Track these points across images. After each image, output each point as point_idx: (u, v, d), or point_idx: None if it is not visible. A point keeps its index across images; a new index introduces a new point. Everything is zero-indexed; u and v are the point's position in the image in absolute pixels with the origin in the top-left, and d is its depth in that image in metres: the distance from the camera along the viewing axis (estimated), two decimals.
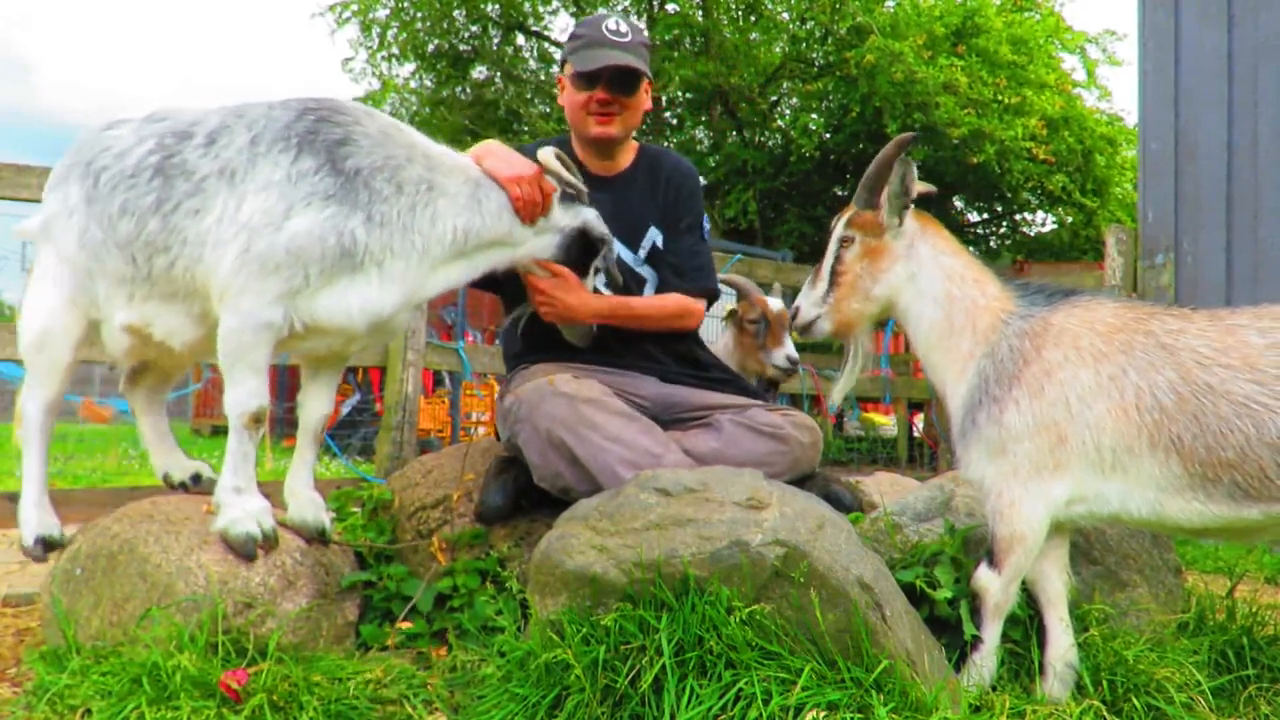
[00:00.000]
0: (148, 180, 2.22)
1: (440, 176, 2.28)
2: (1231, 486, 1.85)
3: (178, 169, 2.22)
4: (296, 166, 2.15)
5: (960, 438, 2.07)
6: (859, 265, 2.15)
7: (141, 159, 2.25)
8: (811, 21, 14.03)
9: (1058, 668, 2.00)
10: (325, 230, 2.13)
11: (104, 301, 2.35)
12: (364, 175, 2.18)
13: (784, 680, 1.70)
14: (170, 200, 2.20)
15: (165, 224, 2.20)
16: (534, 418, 2.46)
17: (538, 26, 15.16)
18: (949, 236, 2.19)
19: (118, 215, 2.24)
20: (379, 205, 2.18)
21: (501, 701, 1.82)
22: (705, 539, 1.83)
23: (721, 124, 14.80)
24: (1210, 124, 4.59)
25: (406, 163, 2.25)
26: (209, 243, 2.17)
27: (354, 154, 2.19)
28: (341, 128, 2.21)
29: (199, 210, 2.18)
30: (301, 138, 2.18)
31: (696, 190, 2.94)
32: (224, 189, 2.18)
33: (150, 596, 2.14)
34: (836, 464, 8.02)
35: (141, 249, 2.23)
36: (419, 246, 2.25)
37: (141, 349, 2.44)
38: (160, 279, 2.25)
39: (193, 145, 2.23)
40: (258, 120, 2.23)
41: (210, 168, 2.20)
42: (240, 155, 2.19)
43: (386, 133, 2.27)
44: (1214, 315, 1.99)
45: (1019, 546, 1.97)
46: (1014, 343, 2.02)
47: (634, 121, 2.81)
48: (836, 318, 2.18)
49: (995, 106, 12.16)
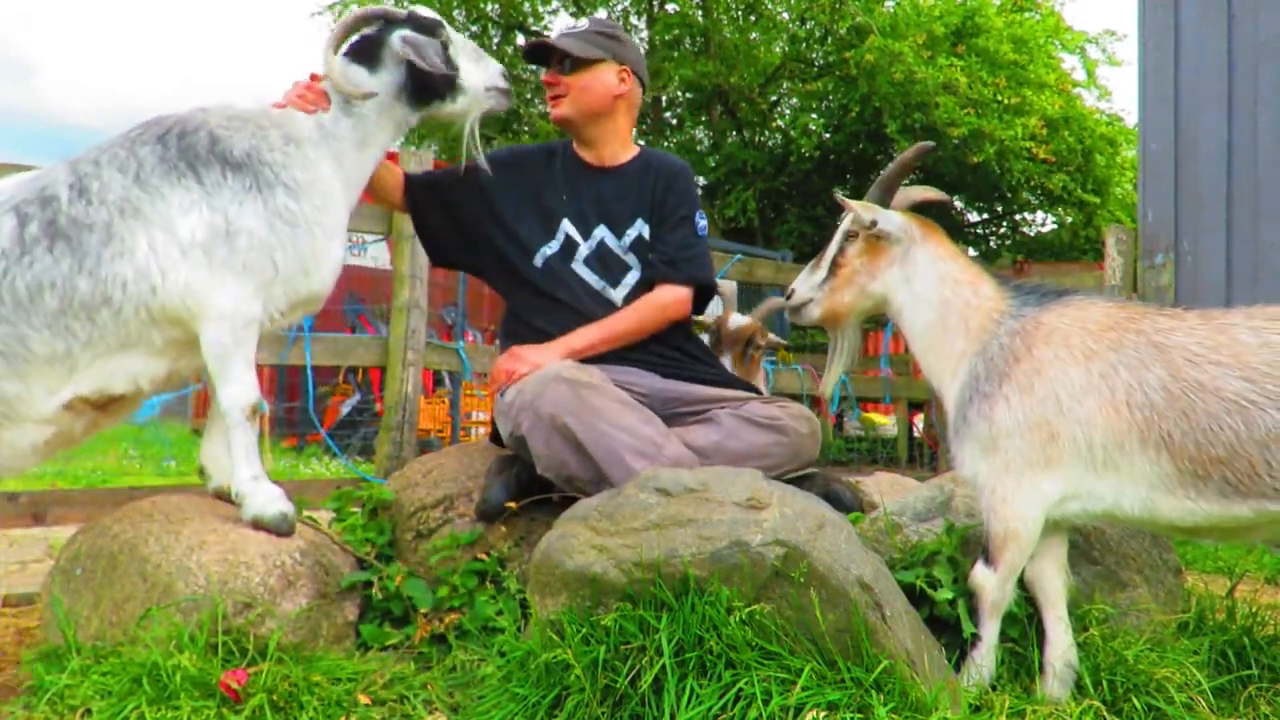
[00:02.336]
0: (48, 249, 2.15)
1: (291, 128, 2.36)
2: (1221, 483, 1.85)
3: (72, 227, 2.17)
4: (207, 180, 2.23)
5: (954, 435, 2.09)
6: (858, 260, 2.21)
7: (16, 236, 2.15)
8: (811, 21, 14.03)
9: (1057, 667, 2.00)
10: (269, 216, 2.24)
11: (14, 401, 2.18)
12: (254, 157, 2.27)
13: (784, 680, 1.70)
14: (89, 255, 2.16)
15: (96, 279, 2.16)
16: (537, 404, 2.47)
17: (538, 26, 15.16)
18: (947, 242, 2.23)
19: (30, 296, 2.13)
20: (284, 173, 2.28)
21: (501, 701, 1.82)
22: (705, 539, 1.83)
23: (721, 124, 14.80)
24: (1210, 124, 4.59)
25: (266, 130, 2.32)
26: (155, 272, 2.18)
27: (232, 145, 2.27)
28: (200, 129, 2.28)
29: (123, 253, 2.18)
30: (184, 156, 2.24)
31: (687, 185, 2.96)
32: (136, 224, 2.19)
33: (150, 596, 2.14)
34: (836, 464, 8.02)
35: (79, 313, 2.16)
36: (327, 193, 2.36)
37: (67, 434, 2.30)
38: (108, 333, 2.19)
39: (63, 202, 2.18)
40: (123, 160, 2.23)
41: (106, 214, 2.18)
42: (131, 190, 2.20)
43: (226, 116, 2.33)
44: (1205, 315, 2.00)
45: (1013, 543, 1.97)
46: (1005, 341, 2.04)
47: (586, 103, 2.82)
48: (828, 305, 2.25)
49: (995, 106, 12.16)
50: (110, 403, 2.31)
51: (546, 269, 2.81)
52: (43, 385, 2.19)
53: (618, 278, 2.83)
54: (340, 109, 2.42)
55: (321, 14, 14.43)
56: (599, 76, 2.83)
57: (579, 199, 2.85)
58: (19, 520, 3.35)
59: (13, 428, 2.21)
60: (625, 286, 2.83)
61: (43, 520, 3.45)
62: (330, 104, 2.42)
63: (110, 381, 2.25)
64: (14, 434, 2.22)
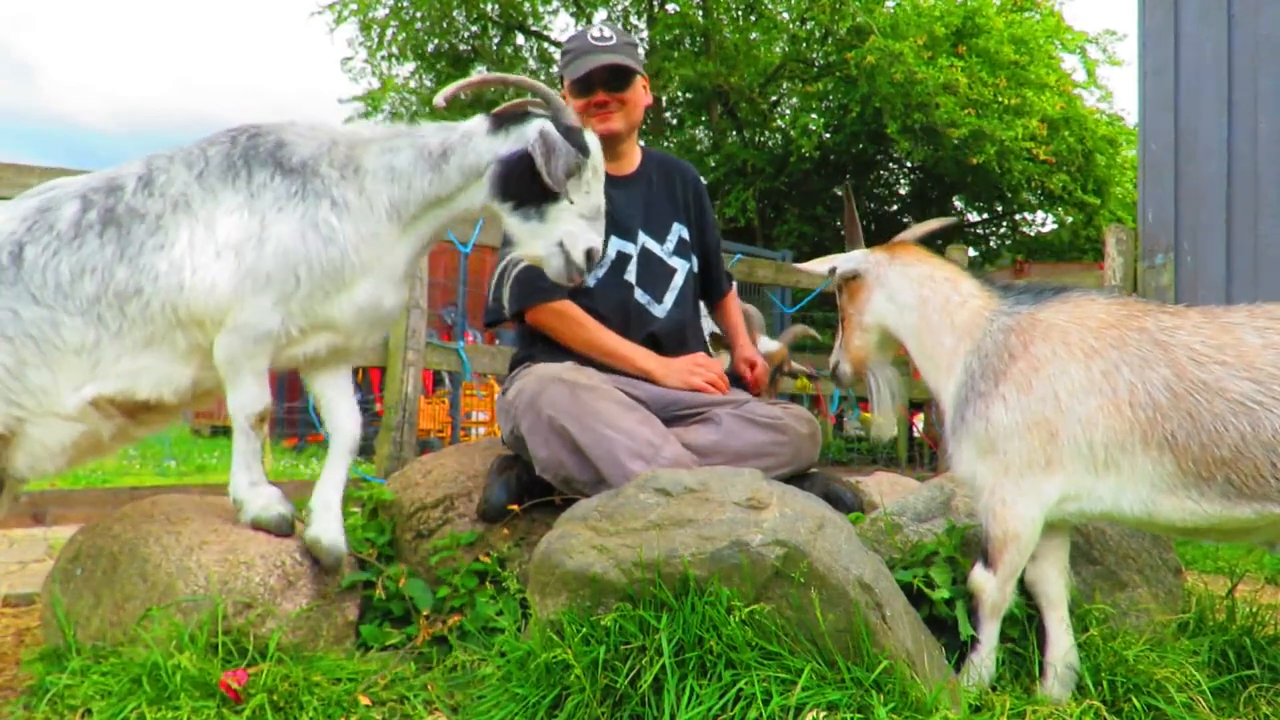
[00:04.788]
0: (98, 235, 2.17)
1: (357, 151, 2.28)
2: (1225, 485, 1.84)
3: (127, 215, 2.18)
4: (254, 182, 2.20)
5: (951, 435, 2.08)
6: (850, 307, 2.33)
7: (75, 219, 2.18)
8: (811, 21, 14.03)
9: (1058, 668, 2.00)
10: (304, 226, 2.17)
11: (40, 393, 2.16)
12: (310, 166, 2.22)
13: (784, 680, 1.70)
14: (133, 244, 2.16)
15: (133, 268, 2.15)
16: (536, 405, 2.48)
17: (537, 26, 15.17)
18: (920, 251, 2.29)
19: (71, 279, 2.14)
20: (335, 189, 2.21)
21: (501, 702, 1.82)
22: (705, 539, 1.83)
23: (721, 124, 14.81)
24: (1210, 124, 4.58)
25: (333, 145, 2.26)
26: (187, 268, 2.16)
27: (293, 151, 2.23)
28: (273, 134, 2.26)
29: (164, 245, 2.16)
30: (244, 156, 2.22)
31: (706, 193, 3.12)
32: (184, 219, 2.18)
33: (150, 596, 2.14)
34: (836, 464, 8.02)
35: (113, 302, 2.15)
36: (375, 229, 2.26)
37: (95, 436, 2.24)
38: (135, 326, 2.17)
39: (129, 192, 2.20)
40: (194, 158, 2.24)
41: (160, 206, 2.19)
42: (190, 187, 2.20)
43: (312, 128, 2.30)
44: (1209, 313, 1.99)
45: (1013, 545, 1.96)
46: (1000, 338, 2.03)
47: (635, 116, 2.91)
48: (848, 358, 2.36)
49: (995, 107, 12.15)
50: (138, 410, 2.25)
51: (600, 290, 2.81)
52: (69, 378, 2.16)
53: (662, 290, 2.90)
54: (425, 160, 2.28)
55: (320, 14, 14.44)
56: (638, 89, 2.91)
57: (615, 211, 2.83)
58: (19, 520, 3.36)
59: (41, 423, 2.18)
60: (672, 291, 2.91)
61: (43, 520, 3.46)
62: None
63: (134, 383, 2.20)
64: (43, 430, 2.19)
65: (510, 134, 2.27)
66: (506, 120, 2.30)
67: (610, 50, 2.82)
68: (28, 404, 2.15)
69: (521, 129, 2.26)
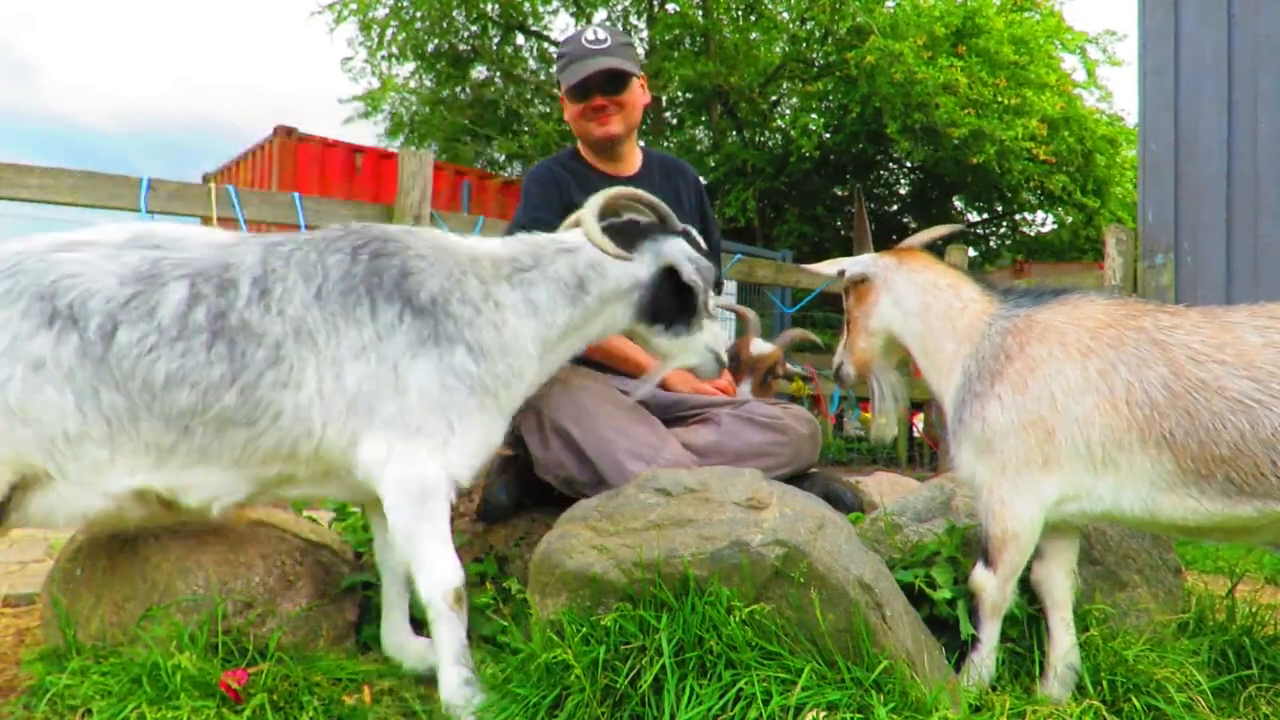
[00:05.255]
0: (206, 346, 1.94)
1: (494, 286, 2.14)
2: (1225, 483, 1.84)
3: (240, 331, 1.96)
4: (381, 320, 2.01)
5: (952, 437, 2.09)
6: (856, 310, 2.35)
7: (180, 314, 1.94)
8: (811, 21, 14.02)
9: (1059, 668, 2.00)
10: (441, 373, 2.01)
11: (90, 466, 1.96)
12: (440, 304, 2.05)
13: (784, 680, 1.70)
14: (248, 370, 1.94)
15: (247, 399, 1.94)
16: (536, 406, 2.48)
17: (538, 26, 15.16)
18: (926, 257, 2.31)
19: (165, 385, 1.92)
20: (469, 331, 2.06)
21: (502, 702, 1.82)
22: (705, 539, 1.83)
23: (721, 124, 14.80)
24: (1210, 124, 4.59)
25: (463, 276, 2.10)
26: (317, 419, 1.97)
27: (421, 284, 2.05)
28: (396, 257, 2.07)
29: (287, 383, 1.96)
30: (368, 283, 2.03)
31: (706, 194, 3.12)
32: (310, 355, 1.98)
33: (150, 596, 2.14)
34: (836, 464, 8.02)
35: (210, 422, 1.95)
36: (515, 369, 2.13)
37: (119, 516, 2.06)
38: (229, 450, 1.98)
39: (241, 298, 1.97)
40: (310, 267, 2.03)
41: (280, 330, 1.97)
42: (310, 311, 1.99)
43: (434, 248, 2.13)
44: (1208, 312, 1.99)
45: (1012, 544, 1.97)
46: (997, 340, 2.05)
47: (634, 118, 2.90)
48: (852, 359, 2.38)
49: (995, 107, 12.15)
50: (179, 508, 2.06)
51: None
52: (128, 465, 1.97)
53: None
54: (563, 293, 2.20)
55: (320, 13, 14.43)
56: (636, 90, 2.90)
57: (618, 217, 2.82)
58: None
59: (77, 488, 1.98)
60: None
61: None
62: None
63: (190, 489, 2.01)
64: (74, 493, 1.98)
65: (644, 256, 2.26)
66: (629, 240, 2.25)
67: (606, 53, 2.81)
68: (70, 469, 1.95)
69: (655, 249, 2.27)
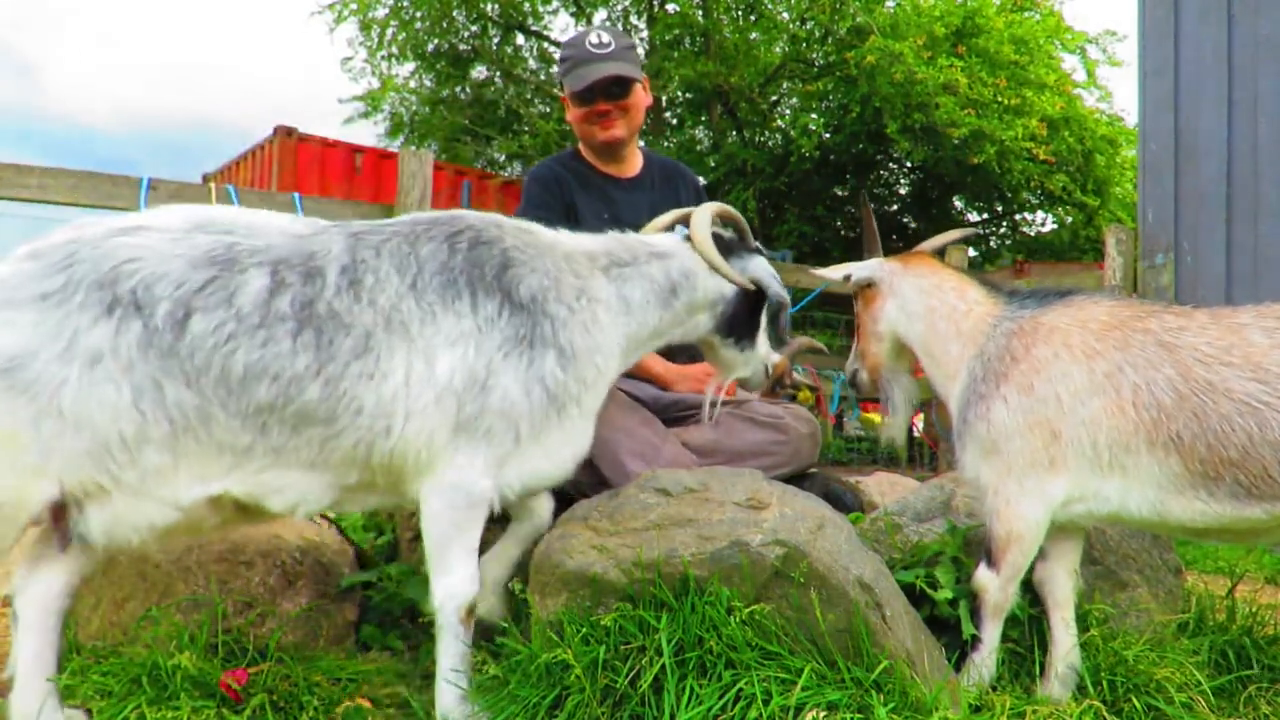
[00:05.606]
0: (292, 335, 1.80)
1: (589, 280, 2.09)
2: (1234, 485, 1.84)
3: (329, 320, 1.83)
4: (481, 313, 1.92)
5: (957, 439, 2.09)
6: (865, 314, 2.36)
7: (262, 301, 1.80)
8: (811, 21, 14.02)
9: (1059, 669, 2.00)
10: (529, 380, 1.93)
11: (150, 473, 1.78)
12: (539, 302, 1.98)
13: (784, 680, 1.70)
14: (335, 362, 1.81)
15: (330, 392, 1.81)
16: None
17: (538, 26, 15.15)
18: (932, 261, 2.31)
19: (243, 378, 1.77)
20: (563, 333, 1.99)
21: (502, 702, 1.82)
22: (705, 539, 1.83)
23: (721, 124, 14.80)
24: (1210, 124, 4.59)
25: (559, 273, 2.04)
26: (400, 412, 1.84)
27: (521, 278, 1.98)
28: (494, 246, 2.00)
29: (373, 375, 1.83)
30: (468, 274, 1.94)
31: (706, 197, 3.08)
32: (400, 345, 1.86)
33: (150, 596, 2.14)
34: (836, 464, 8.02)
35: (289, 419, 1.81)
36: (601, 368, 2.06)
37: (190, 526, 1.89)
38: (305, 448, 1.84)
39: (330, 287, 1.86)
40: (404, 258, 1.93)
41: (371, 319, 1.85)
42: (405, 302, 1.89)
43: (527, 240, 2.07)
44: (1215, 314, 1.98)
45: (1016, 545, 1.97)
46: (1002, 342, 2.05)
47: (636, 121, 2.92)
48: (864, 363, 2.38)
49: (995, 107, 12.14)
50: (259, 513, 1.93)
51: None
52: (196, 470, 1.81)
53: None
54: (656, 295, 2.18)
55: (320, 13, 14.43)
56: (639, 94, 2.91)
57: (619, 219, 2.80)
58: None
59: (131, 500, 1.79)
60: None
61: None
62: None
63: (271, 494, 1.87)
64: (131, 507, 1.80)
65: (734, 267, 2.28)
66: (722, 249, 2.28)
67: (610, 58, 2.82)
68: (127, 478, 1.77)
69: (741, 265, 2.30)
